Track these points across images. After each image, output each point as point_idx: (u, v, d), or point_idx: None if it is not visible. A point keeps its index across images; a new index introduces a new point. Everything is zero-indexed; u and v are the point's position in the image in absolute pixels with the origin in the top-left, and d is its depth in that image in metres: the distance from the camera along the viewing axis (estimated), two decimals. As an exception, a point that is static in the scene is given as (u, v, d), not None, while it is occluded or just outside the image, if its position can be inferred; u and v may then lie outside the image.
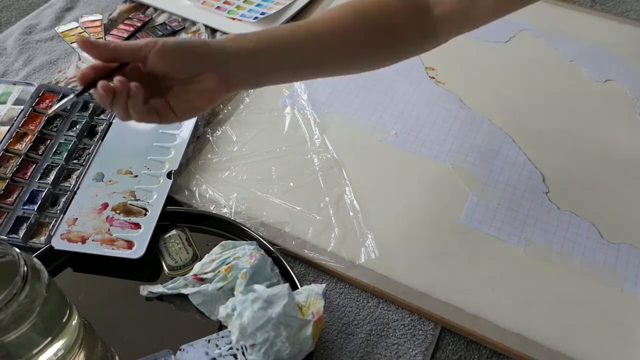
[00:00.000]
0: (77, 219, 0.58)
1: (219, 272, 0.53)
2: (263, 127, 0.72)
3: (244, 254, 0.53)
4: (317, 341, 0.52)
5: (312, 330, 0.47)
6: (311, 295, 0.49)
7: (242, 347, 0.48)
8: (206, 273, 0.53)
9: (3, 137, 0.65)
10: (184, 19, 0.89)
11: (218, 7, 0.89)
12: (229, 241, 0.55)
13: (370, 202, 0.63)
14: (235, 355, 0.48)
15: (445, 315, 0.54)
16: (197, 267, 0.54)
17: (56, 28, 0.81)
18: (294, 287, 0.52)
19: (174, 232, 0.58)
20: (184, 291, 0.52)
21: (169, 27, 0.87)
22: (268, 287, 0.49)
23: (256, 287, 0.49)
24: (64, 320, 0.39)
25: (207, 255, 0.55)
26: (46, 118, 0.66)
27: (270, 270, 0.53)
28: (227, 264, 0.53)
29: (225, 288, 0.52)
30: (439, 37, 0.53)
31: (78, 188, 0.62)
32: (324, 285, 0.51)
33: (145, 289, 0.54)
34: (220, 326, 0.52)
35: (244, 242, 0.55)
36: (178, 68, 0.45)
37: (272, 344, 0.45)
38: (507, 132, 0.71)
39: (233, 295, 0.50)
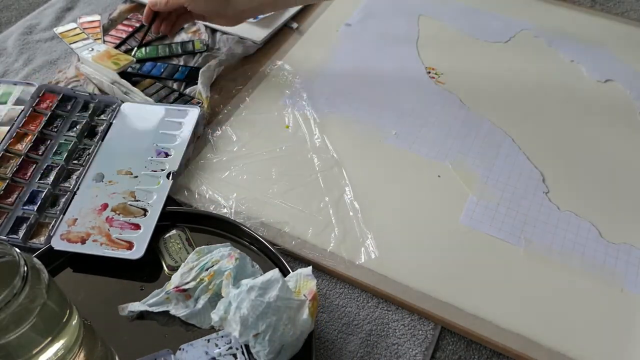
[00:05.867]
0: (76, 219, 0.58)
1: (201, 280, 0.52)
2: (263, 127, 0.72)
3: (222, 256, 0.52)
4: (317, 341, 0.52)
5: (309, 309, 0.47)
6: (300, 279, 0.49)
7: (241, 347, 0.48)
8: (188, 283, 0.52)
9: (3, 137, 0.65)
10: (184, 19, 0.89)
11: (218, 7, 0.89)
12: (204, 246, 0.54)
13: (370, 202, 0.63)
14: (234, 355, 0.48)
15: (445, 315, 0.54)
16: (176, 279, 0.52)
17: (55, 29, 0.81)
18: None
19: (174, 232, 0.58)
20: (172, 311, 0.51)
21: (169, 27, 0.87)
22: None
23: (244, 281, 0.48)
24: (64, 320, 0.39)
25: (183, 264, 0.53)
26: None
27: (252, 266, 0.52)
28: (207, 270, 0.52)
29: (211, 297, 0.51)
30: None
31: (78, 188, 0.62)
32: (310, 267, 0.50)
33: (125, 309, 0.52)
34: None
35: (218, 245, 0.54)
36: (205, 9, 0.73)
37: (275, 329, 0.45)
38: (507, 132, 0.71)
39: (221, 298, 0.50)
